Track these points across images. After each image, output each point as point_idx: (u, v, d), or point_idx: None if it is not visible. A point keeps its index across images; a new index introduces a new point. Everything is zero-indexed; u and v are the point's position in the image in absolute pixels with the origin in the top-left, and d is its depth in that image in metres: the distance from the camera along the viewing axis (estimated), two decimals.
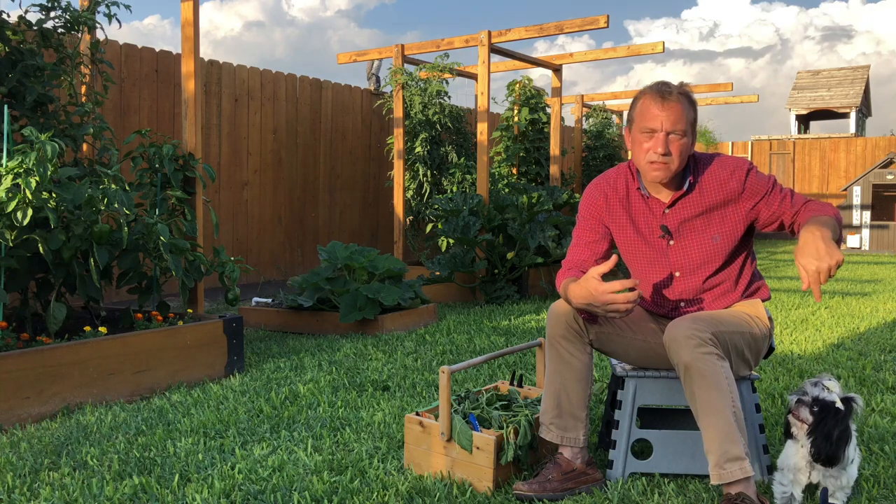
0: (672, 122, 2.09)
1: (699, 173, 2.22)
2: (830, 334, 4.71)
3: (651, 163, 2.13)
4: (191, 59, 4.14)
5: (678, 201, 2.22)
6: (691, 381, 1.99)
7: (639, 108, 2.16)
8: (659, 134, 2.10)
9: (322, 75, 8.19)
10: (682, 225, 2.22)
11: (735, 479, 1.94)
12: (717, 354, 2.00)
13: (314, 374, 3.59)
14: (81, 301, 3.87)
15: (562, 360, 2.24)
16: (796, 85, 23.05)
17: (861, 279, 7.99)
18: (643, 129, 2.13)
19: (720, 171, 2.20)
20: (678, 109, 2.09)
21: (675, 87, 2.13)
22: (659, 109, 2.10)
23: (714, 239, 2.21)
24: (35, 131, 3.12)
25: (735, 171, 2.19)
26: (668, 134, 2.09)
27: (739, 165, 2.20)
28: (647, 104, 2.13)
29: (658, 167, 2.12)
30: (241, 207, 7.14)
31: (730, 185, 2.19)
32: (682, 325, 2.02)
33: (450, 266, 5.98)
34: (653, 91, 2.13)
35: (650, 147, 2.12)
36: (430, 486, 2.19)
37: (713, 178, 2.20)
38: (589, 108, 10.65)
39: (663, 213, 2.24)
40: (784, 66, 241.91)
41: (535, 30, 6.40)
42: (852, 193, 12.53)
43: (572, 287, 2.09)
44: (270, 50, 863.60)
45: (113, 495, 2.15)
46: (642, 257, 2.30)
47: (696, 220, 2.21)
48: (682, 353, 1.99)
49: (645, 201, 2.26)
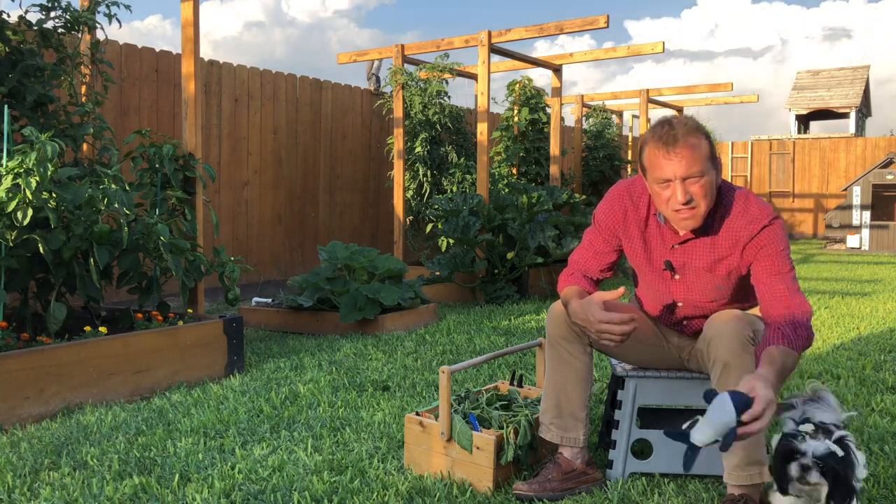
0: (685, 167, 1.93)
1: (717, 217, 2.07)
2: (830, 334, 4.71)
3: (676, 211, 1.99)
4: (191, 59, 4.14)
5: (689, 241, 2.11)
6: (728, 378, 1.97)
7: (647, 159, 2.02)
8: (674, 183, 1.96)
9: (322, 75, 8.19)
10: (687, 265, 2.14)
11: (752, 483, 1.94)
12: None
13: (314, 374, 3.59)
14: (81, 301, 3.87)
15: (562, 360, 2.24)
16: (796, 85, 23.05)
17: (861, 279, 7.99)
18: (657, 180, 1.99)
19: (738, 219, 2.05)
20: (687, 154, 1.93)
21: (679, 128, 1.95)
22: (667, 160, 1.95)
23: (718, 288, 2.15)
24: (35, 131, 3.12)
25: (752, 221, 2.03)
26: (686, 180, 1.95)
27: (759, 217, 2.03)
28: (654, 155, 1.98)
29: (685, 215, 1.99)
30: (241, 207, 7.14)
31: (741, 233, 2.04)
32: (728, 323, 2.01)
33: (450, 266, 5.98)
34: (656, 141, 1.97)
35: (670, 196, 1.98)
36: (430, 486, 2.20)
37: (729, 229, 2.06)
38: (589, 108, 10.65)
39: (672, 247, 2.14)
40: (784, 66, 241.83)
41: (535, 30, 6.40)
42: (852, 193, 12.53)
43: (573, 303, 2.07)
44: (270, 50, 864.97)
45: (113, 495, 2.15)
46: (648, 279, 2.26)
47: (703, 263, 2.11)
48: (723, 350, 1.98)
49: (659, 228, 2.16)
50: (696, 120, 2.01)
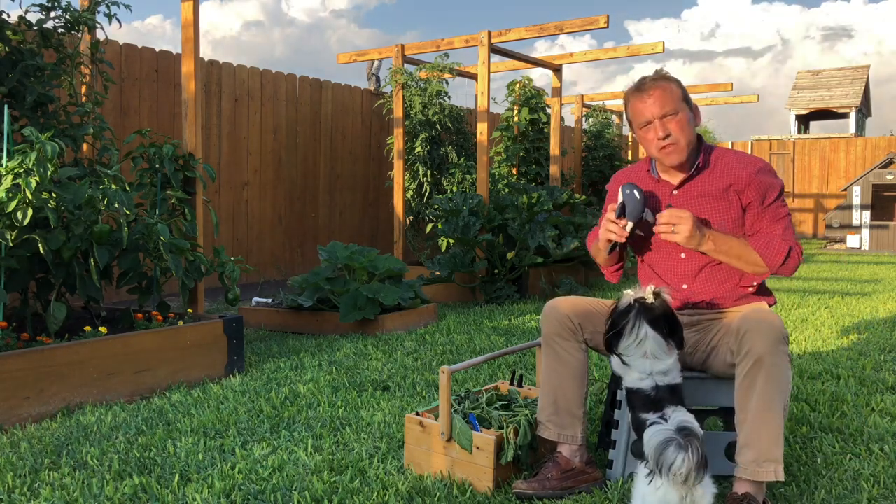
0: (660, 106, 2.18)
1: (710, 158, 2.27)
2: (830, 334, 4.71)
3: (661, 149, 2.21)
4: (191, 59, 4.14)
5: (686, 182, 2.27)
6: (757, 373, 1.98)
7: (629, 110, 2.28)
8: (654, 122, 2.20)
9: (322, 75, 8.19)
10: (689, 206, 2.25)
11: (765, 480, 1.95)
12: (789, 355, 2.01)
13: (314, 374, 3.59)
14: (81, 301, 3.87)
15: (557, 357, 2.25)
16: (796, 85, 23.05)
17: (861, 279, 7.99)
18: (639, 125, 2.24)
19: (733, 160, 2.26)
20: (659, 94, 2.19)
21: (649, 76, 2.25)
22: (642, 103, 2.21)
23: (719, 226, 2.22)
24: (35, 131, 3.12)
25: (748, 164, 2.23)
26: (662, 118, 2.19)
27: (754, 161, 2.25)
28: (632, 104, 2.26)
29: (668, 149, 2.20)
30: (241, 207, 7.14)
31: (740, 173, 2.22)
32: (766, 317, 2.03)
33: (450, 266, 5.98)
34: (632, 90, 2.26)
35: (652, 136, 2.21)
36: (430, 486, 2.20)
37: (725, 164, 2.25)
38: (589, 108, 10.65)
39: (671, 193, 2.29)
40: (785, 66, 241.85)
41: (535, 30, 6.40)
42: (852, 193, 12.53)
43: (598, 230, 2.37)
44: (269, 50, 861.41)
45: (113, 495, 2.15)
46: (649, 240, 2.33)
47: (703, 202, 2.24)
48: (760, 342, 1.98)
49: (656, 184, 2.32)
50: (666, 71, 2.29)
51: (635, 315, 1.93)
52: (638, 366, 1.95)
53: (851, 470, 2.36)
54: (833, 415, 2.94)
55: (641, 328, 1.92)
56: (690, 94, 2.29)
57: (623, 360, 1.97)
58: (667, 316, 1.95)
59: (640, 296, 1.96)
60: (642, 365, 1.94)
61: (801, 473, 2.33)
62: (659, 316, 1.94)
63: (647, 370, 1.93)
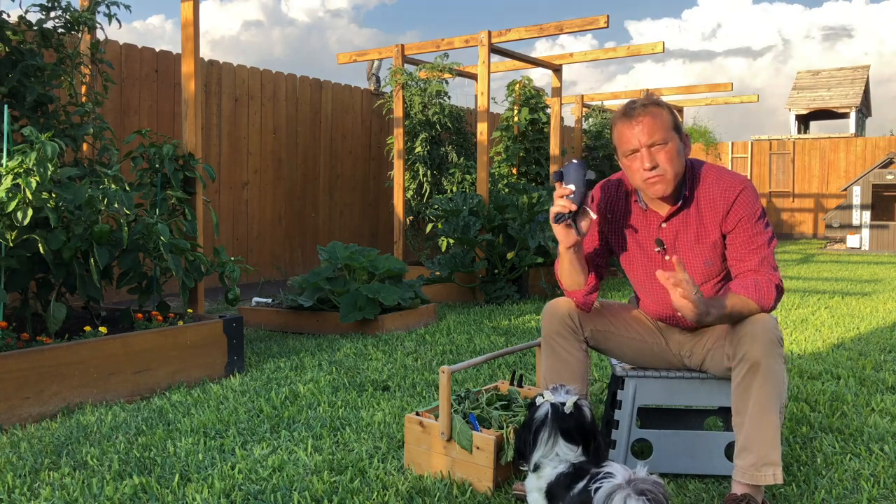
0: (648, 134, 2.05)
1: (695, 187, 2.16)
2: (830, 334, 4.71)
3: (646, 180, 2.09)
4: (191, 59, 4.14)
5: (673, 216, 2.18)
6: (754, 377, 1.98)
7: (615, 136, 2.15)
8: (641, 151, 2.07)
9: (322, 75, 8.19)
10: (677, 240, 2.20)
11: (764, 484, 1.95)
12: (784, 358, 2.01)
13: (314, 374, 3.59)
14: (81, 301, 3.87)
15: (557, 356, 2.25)
16: (796, 85, 23.05)
17: (861, 279, 7.99)
18: (625, 153, 2.12)
19: (714, 188, 2.14)
20: (649, 121, 2.05)
21: (639, 101, 2.11)
22: (630, 129, 2.08)
23: (707, 264, 2.19)
24: (35, 131, 3.12)
25: (727, 190, 2.12)
26: (650, 147, 2.06)
27: (732, 186, 2.12)
28: (619, 129, 2.12)
29: (654, 181, 2.08)
30: (241, 207, 7.14)
31: (718, 203, 2.12)
32: (760, 321, 2.02)
33: (450, 266, 5.98)
34: (620, 115, 2.12)
35: (638, 166, 2.09)
36: (430, 486, 2.20)
37: (707, 195, 2.14)
38: (589, 108, 10.65)
39: (659, 226, 2.21)
40: (785, 66, 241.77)
41: (535, 30, 6.40)
42: (852, 193, 12.53)
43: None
44: (269, 50, 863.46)
45: (113, 495, 2.15)
46: (640, 267, 2.29)
47: (690, 236, 2.18)
48: (756, 348, 1.98)
49: (643, 213, 2.23)
50: (657, 96, 2.15)
51: (551, 424, 1.79)
52: (551, 463, 1.81)
53: (851, 470, 2.36)
54: (833, 415, 2.94)
55: (556, 440, 1.78)
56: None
57: (537, 466, 1.82)
58: (582, 427, 1.80)
59: (558, 400, 1.82)
60: (555, 461, 1.80)
61: (801, 473, 2.33)
62: (573, 427, 1.79)
63: (560, 460, 1.80)
